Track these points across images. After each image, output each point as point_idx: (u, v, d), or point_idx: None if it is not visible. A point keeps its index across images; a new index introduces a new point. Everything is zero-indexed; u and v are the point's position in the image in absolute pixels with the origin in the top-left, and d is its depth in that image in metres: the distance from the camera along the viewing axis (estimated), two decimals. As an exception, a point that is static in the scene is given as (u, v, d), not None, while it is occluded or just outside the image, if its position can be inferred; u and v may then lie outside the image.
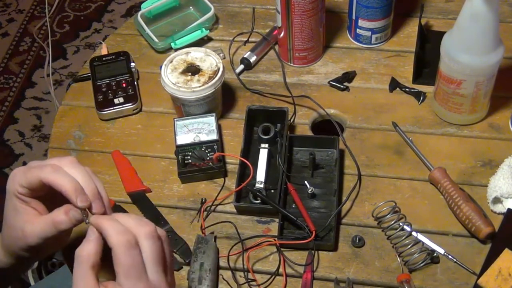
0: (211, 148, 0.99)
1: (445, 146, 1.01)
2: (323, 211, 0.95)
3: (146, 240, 0.64)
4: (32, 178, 0.69)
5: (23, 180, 0.69)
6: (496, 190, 0.91)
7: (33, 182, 0.69)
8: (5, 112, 2.24)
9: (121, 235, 0.63)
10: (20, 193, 0.70)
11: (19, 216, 0.71)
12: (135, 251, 0.63)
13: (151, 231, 0.65)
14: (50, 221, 0.69)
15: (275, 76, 1.13)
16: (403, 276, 0.86)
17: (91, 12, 2.54)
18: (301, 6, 1.03)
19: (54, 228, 0.69)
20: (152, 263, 0.64)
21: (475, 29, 0.91)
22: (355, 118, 1.06)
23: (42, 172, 0.68)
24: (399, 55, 1.14)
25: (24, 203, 0.71)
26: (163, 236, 0.67)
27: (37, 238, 0.70)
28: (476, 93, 0.97)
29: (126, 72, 1.12)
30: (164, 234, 0.68)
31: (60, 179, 0.68)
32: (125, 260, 0.62)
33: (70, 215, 0.68)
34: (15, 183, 0.70)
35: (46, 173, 0.68)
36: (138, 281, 0.63)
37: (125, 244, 0.63)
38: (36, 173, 0.69)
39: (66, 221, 0.68)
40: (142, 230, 0.65)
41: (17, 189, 0.70)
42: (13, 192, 0.71)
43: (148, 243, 0.64)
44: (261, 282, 0.88)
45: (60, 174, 0.68)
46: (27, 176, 0.69)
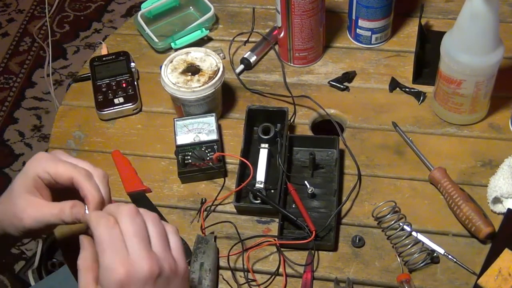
0: (211, 148, 0.99)
1: (445, 146, 1.01)
2: (323, 211, 0.95)
3: (124, 217, 0.64)
4: (64, 173, 0.69)
5: (51, 168, 0.70)
6: (496, 190, 0.91)
7: (62, 176, 0.69)
8: (5, 112, 2.24)
9: (100, 217, 0.64)
10: (40, 177, 0.70)
11: (26, 197, 0.70)
12: (113, 229, 0.63)
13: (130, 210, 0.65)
14: (57, 210, 0.69)
15: (275, 76, 1.13)
16: (403, 276, 0.86)
17: (91, 12, 2.54)
18: (301, 6, 1.03)
19: (56, 218, 0.69)
20: (130, 239, 0.63)
21: (475, 29, 0.91)
22: (355, 118, 1.06)
23: (77, 174, 0.69)
24: (399, 55, 1.14)
25: (37, 187, 0.71)
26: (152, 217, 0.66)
27: (36, 222, 0.69)
28: (476, 93, 0.97)
29: (126, 72, 1.12)
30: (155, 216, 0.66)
31: (91, 189, 0.69)
32: (103, 238, 0.62)
33: (74, 211, 0.69)
34: (40, 167, 0.70)
35: (81, 177, 0.69)
36: (116, 255, 0.62)
37: (103, 224, 0.63)
38: (70, 170, 0.69)
39: (68, 215, 0.69)
40: (120, 209, 0.65)
41: (40, 173, 0.70)
42: (34, 173, 0.70)
43: (126, 220, 0.64)
44: (261, 282, 0.88)
45: (92, 184, 0.69)
46: (58, 168, 0.70)
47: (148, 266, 0.61)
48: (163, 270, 0.63)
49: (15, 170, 2.08)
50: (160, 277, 0.62)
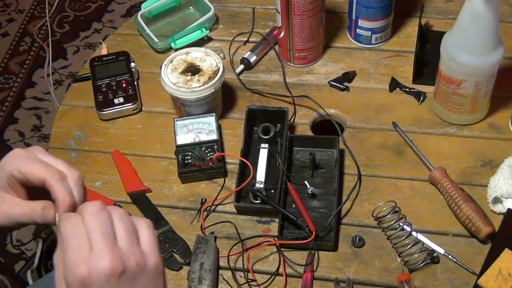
0: (211, 148, 0.99)
1: (445, 146, 1.01)
2: (323, 211, 0.95)
3: (88, 214, 0.62)
4: (36, 173, 0.67)
5: (25, 167, 0.68)
6: (496, 190, 0.91)
7: (34, 177, 0.67)
8: (5, 112, 2.24)
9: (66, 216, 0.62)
10: (14, 176, 0.68)
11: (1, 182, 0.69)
12: (77, 227, 0.61)
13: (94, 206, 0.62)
14: (28, 210, 0.68)
15: (275, 76, 1.13)
16: (403, 276, 0.86)
17: (91, 12, 2.53)
18: (301, 6, 1.03)
19: (28, 217, 0.69)
20: (93, 235, 0.60)
21: (475, 29, 0.91)
22: (355, 118, 1.06)
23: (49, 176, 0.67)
24: (399, 55, 1.14)
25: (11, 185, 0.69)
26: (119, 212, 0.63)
27: (6, 219, 0.69)
28: (476, 93, 0.97)
29: (126, 72, 1.12)
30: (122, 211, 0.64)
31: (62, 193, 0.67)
32: (66, 235, 0.61)
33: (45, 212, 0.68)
34: (15, 165, 0.68)
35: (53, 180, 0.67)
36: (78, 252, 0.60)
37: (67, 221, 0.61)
38: (42, 171, 0.67)
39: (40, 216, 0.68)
40: (85, 206, 0.63)
41: (13, 172, 0.68)
42: (8, 170, 0.68)
43: (90, 217, 0.61)
44: (261, 282, 0.88)
45: (63, 187, 0.67)
46: (32, 168, 0.67)
47: (110, 263, 0.59)
48: (128, 266, 0.60)
49: (15, 170, 2.08)
50: (124, 273, 0.60)
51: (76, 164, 1.04)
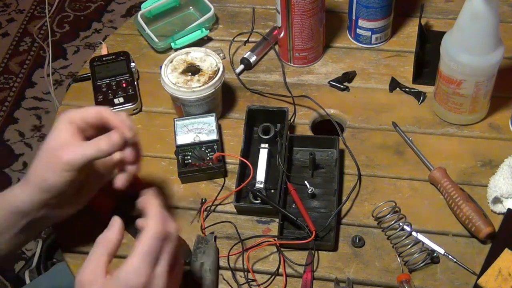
0: (211, 148, 0.99)
1: (445, 146, 1.01)
2: (323, 211, 0.95)
3: (172, 237, 0.71)
4: (92, 111, 0.78)
5: (79, 112, 0.78)
6: (496, 190, 0.91)
7: (90, 114, 0.78)
8: (5, 112, 2.24)
9: (158, 223, 0.70)
10: (72, 122, 0.77)
11: (62, 139, 0.77)
12: (161, 242, 0.69)
13: (177, 232, 0.72)
14: (93, 144, 0.76)
15: (275, 76, 1.13)
16: (403, 276, 0.86)
17: (91, 12, 2.54)
18: (301, 6, 1.03)
19: (93, 148, 0.76)
20: (165, 258, 0.70)
21: (475, 29, 0.91)
22: (355, 118, 1.06)
23: (104, 109, 0.79)
24: (399, 55, 1.14)
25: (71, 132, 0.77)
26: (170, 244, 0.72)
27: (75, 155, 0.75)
28: (476, 93, 0.97)
29: (126, 72, 1.12)
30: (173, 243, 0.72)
31: (116, 118, 0.78)
32: (149, 244, 0.68)
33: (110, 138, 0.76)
34: (68, 115, 0.78)
35: (107, 112, 0.79)
36: (146, 265, 0.67)
37: (157, 232, 0.69)
38: (96, 108, 0.79)
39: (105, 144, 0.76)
40: (172, 227, 0.72)
41: (71, 119, 0.78)
42: (66, 121, 0.78)
43: (171, 240, 0.71)
44: (261, 282, 0.88)
45: (117, 116, 0.79)
46: (86, 110, 0.79)
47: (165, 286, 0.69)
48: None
49: (15, 170, 2.08)
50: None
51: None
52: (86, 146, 0.77)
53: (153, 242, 0.68)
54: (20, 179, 2.03)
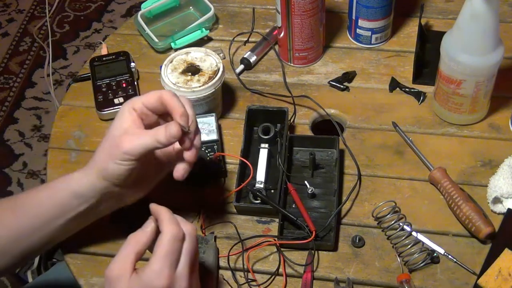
0: (211, 148, 0.99)
1: (445, 146, 1.01)
2: (323, 211, 0.95)
3: (189, 237, 0.73)
4: (152, 95, 0.79)
5: (141, 98, 0.80)
6: (496, 190, 0.91)
7: (151, 98, 0.79)
8: (5, 112, 2.24)
9: (173, 226, 0.72)
10: (134, 108, 0.79)
11: (123, 128, 0.78)
12: (179, 243, 0.71)
13: (193, 232, 0.74)
14: (153, 132, 0.77)
15: (275, 76, 1.13)
16: (403, 276, 0.86)
17: (91, 12, 2.54)
18: (301, 6, 1.03)
19: (152, 138, 0.76)
20: (185, 258, 0.72)
21: (475, 29, 0.91)
22: (355, 118, 1.06)
23: (164, 92, 0.79)
24: (399, 55, 1.14)
25: (132, 120, 0.78)
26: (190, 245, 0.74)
27: (134, 145, 0.77)
28: (476, 93, 0.97)
29: (126, 72, 1.12)
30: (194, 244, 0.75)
31: (177, 102, 0.78)
32: (167, 246, 0.70)
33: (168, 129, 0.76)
34: (131, 102, 0.79)
35: (168, 95, 0.79)
36: (167, 267, 0.70)
37: (173, 234, 0.71)
38: (157, 92, 0.79)
39: (163, 134, 0.76)
40: (189, 228, 0.73)
41: (134, 105, 0.79)
42: (129, 107, 0.79)
43: (189, 240, 0.73)
44: (261, 282, 0.88)
45: (177, 99, 0.79)
46: (147, 95, 0.80)
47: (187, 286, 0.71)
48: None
49: (15, 170, 2.08)
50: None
51: (77, 164, 1.04)
52: (145, 136, 0.77)
53: (172, 244, 0.70)
54: (20, 179, 2.04)
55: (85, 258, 0.91)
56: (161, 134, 0.76)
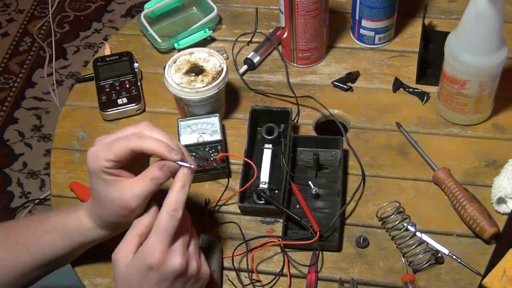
0: (214, 148, 0.99)
1: (449, 147, 1.01)
2: (327, 212, 0.95)
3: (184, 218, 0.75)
4: (121, 151, 0.74)
5: (109, 155, 0.74)
6: (500, 191, 0.91)
7: (121, 154, 0.74)
8: (5, 112, 2.24)
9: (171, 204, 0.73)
10: (107, 167, 0.74)
11: (113, 188, 0.75)
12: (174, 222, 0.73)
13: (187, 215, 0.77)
14: (148, 179, 0.74)
15: (279, 77, 1.13)
16: (408, 277, 0.86)
17: (91, 12, 2.53)
18: (305, 7, 1.03)
19: (153, 184, 0.74)
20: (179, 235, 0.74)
21: (479, 29, 0.91)
22: (358, 119, 1.06)
23: (131, 143, 0.74)
24: (402, 55, 1.14)
25: (113, 175, 0.75)
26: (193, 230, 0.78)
27: (139, 198, 0.74)
28: (480, 93, 0.97)
29: (130, 73, 1.12)
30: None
31: (150, 144, 0.74)
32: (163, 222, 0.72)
33: (164, 170, 0.74)
34: (99, 161, 0.74)
35: (136, 143, 0.74)
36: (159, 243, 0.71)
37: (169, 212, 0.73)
38: (124, 144, 0.74)
39: (162, 176, 0.74)
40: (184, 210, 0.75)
41: (104, 165, 0.74)
42: (99, 169, 0.74)
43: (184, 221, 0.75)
44: (266, 282, 0.88)
45: (147, 140, 0.74)
46: (114, 150, 0.74)
47: (180, 263, 0.72)
48: (189, 270, 0.74)
49: (15, 170, 2.08)
50: (183, 275, 0.74)
51: (80, 164, 1.04)
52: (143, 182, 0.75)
53: (167, 221, 0.72)
54: (20, 179, 2.04)
55: (89, 258, 0.91)
56: (160, 177, 0.75)
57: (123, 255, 0.73)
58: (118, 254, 0.73)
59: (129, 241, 0.73)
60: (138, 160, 0.77)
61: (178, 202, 0.74)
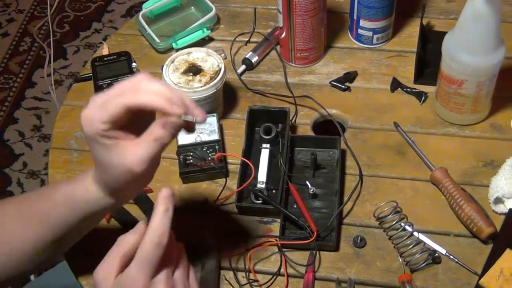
0: (212, 148, 0.99)
1: (446, 146, 1.01)
2: (324, 211, 0.95)
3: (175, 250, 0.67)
4: (115, 109, 0.65)
5: (104, 116, 0.65)
6: (497, 190, 0.92)
7: (116, 113, 0.65)
8: (5, 112, 2.24)
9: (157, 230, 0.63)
10: (104, 130, 0.66)
11: (114, 153, 0.67)
12: (159, 251, 0.64)
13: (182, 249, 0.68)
14: (151, 140, 0.66)
15: (277, 76, 1.13)
16: (405, 277, 0.86)
17: (91, 12, 2.54)
18: (303, 6, 1.03)
19: (158, 145, 0.66)
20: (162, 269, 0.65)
21: (477, 29, 0.91)
22: (356, 118, 1.06)
23: (126, 99, 0.65)
24: (400, 55, 1.14)
25: (112, 138, 0.66)
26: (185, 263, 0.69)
27: (143, 162, 0.66)
28: (477, 93, 0.97)
29: (128, 72, 1.12)
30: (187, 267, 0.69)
31: (148, 98, 0.65)
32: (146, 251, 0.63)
33: (167, 127, 0.65)
34: (95, 123, 0.66)
35: (130, 98, 0.65)
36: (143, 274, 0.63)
37: (153, 239, 0.63)
38: (118, 102, 0.65)
39: (166, 135, 0.66)
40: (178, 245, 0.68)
41: (100, 127, 0.66)
42: (96, 133, 0.66)
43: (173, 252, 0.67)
44: (263, 282, 0.88)
45: (144, 94, 0.65)
46: (109, 110, 0.65)
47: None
48: None
49: (15, 170, 2.08)
50: None
51: (78, 164, 1.04)
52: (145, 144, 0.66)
53: (151, 250, 0.63)
54: (20, 179, 2.04)
55: (87, 258, 0.91)
56: (164, 137, 0.66)
57: (103, 276, 0.66)
58: (99, 274, 0.66)
59: (111, 262, 0.66)
60: (140, 118, 0.68)
61: (163, 227, 0.64)
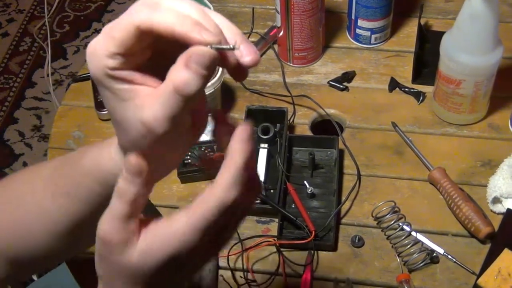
0: (210, 148, 0.99)
1: (444, 146, 1.01)
2: (322, 211, 0.95)
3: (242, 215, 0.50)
4: (124, 34, 0.46)
5: (110, 46, 0.46)
6: (495, 190, 0.91)
7: (125, 39, 0.46)
8: (5, 112, 2.25)
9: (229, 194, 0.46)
10: (113, 68, 0.47)
11: (128, 104, 0.47)
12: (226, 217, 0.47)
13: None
14: (172, 89, 0.44)
15: (275, 76, 1.13)
16: (403, 276, 0.86)
17: (91, 12, 2.54)
18: (301, 6, 1.03)
19: (180, 96, 0.44)
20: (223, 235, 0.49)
21: (475, 29, 0.91)
22: (354, 118, 1.06)
23: (136, 17, 0.46)
24: (398, 55, 1.14)
25: (124, 82, 0.47)
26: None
27: (164, 120, 0.45)
28: (475, 93, 0.97)
29: (126, 72, 1.12)
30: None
31: (166, 18, 0.45)
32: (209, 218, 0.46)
33: (193, 66, 0.44)
34: (100, 59, 0.47)
35: (143, 17, 0.45)
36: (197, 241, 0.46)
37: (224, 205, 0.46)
38: (127, 22, 0.46)
39: (191, 78, 0.44)
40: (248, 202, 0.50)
41: (107, 64, 0.47)
42: (103, 73, 0.47)
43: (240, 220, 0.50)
44: (261, 282, 0.88)
45: (162, 12, 0.45)
46: (117, 36, 0.46)
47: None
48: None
49: (15, 170, 2.08)
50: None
51: (76, 164, 1.04)
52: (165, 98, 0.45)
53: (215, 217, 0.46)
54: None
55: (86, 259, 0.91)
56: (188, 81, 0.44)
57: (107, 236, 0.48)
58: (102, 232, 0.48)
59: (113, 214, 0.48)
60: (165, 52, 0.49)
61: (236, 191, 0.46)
